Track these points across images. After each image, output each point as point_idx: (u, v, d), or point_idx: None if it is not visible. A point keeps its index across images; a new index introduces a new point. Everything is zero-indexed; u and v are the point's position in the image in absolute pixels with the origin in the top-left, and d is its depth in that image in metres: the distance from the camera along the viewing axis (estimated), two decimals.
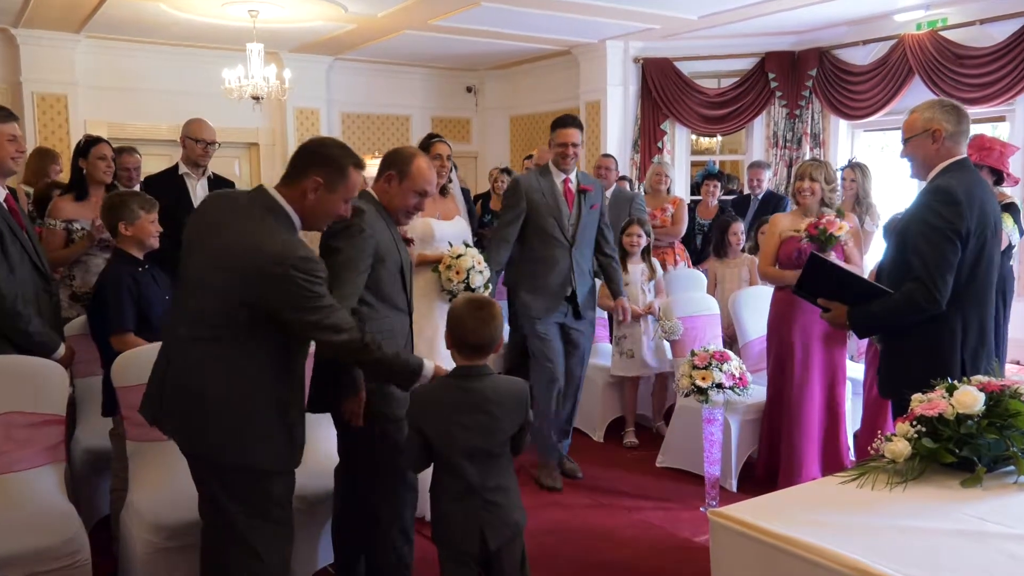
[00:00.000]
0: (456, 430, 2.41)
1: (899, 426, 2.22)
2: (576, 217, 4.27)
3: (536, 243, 4.25)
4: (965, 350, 2.80)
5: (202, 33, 8.27)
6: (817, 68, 8.26)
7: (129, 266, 3.34)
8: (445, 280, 3.80)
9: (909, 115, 2.93)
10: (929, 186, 2.84)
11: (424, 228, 3.87)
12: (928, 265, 2.74)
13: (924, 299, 2.75)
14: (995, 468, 2.14)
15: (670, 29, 8.23)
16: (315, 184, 2.33)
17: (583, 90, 9.37)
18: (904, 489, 2.07)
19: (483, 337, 2.44)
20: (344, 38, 8.63)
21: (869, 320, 2.96)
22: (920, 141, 2.87)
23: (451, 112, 11.00)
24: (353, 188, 2.42)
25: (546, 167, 4.32)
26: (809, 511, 2.01)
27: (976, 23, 7.00)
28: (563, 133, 4.22)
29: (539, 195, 4.23)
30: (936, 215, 2.74)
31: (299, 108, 9.58)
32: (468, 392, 2.44)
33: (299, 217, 2.36)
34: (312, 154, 2.39)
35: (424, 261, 3.84)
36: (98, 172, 4.34)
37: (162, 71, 8.77)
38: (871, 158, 8.30)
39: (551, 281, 4.26)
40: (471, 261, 3.79)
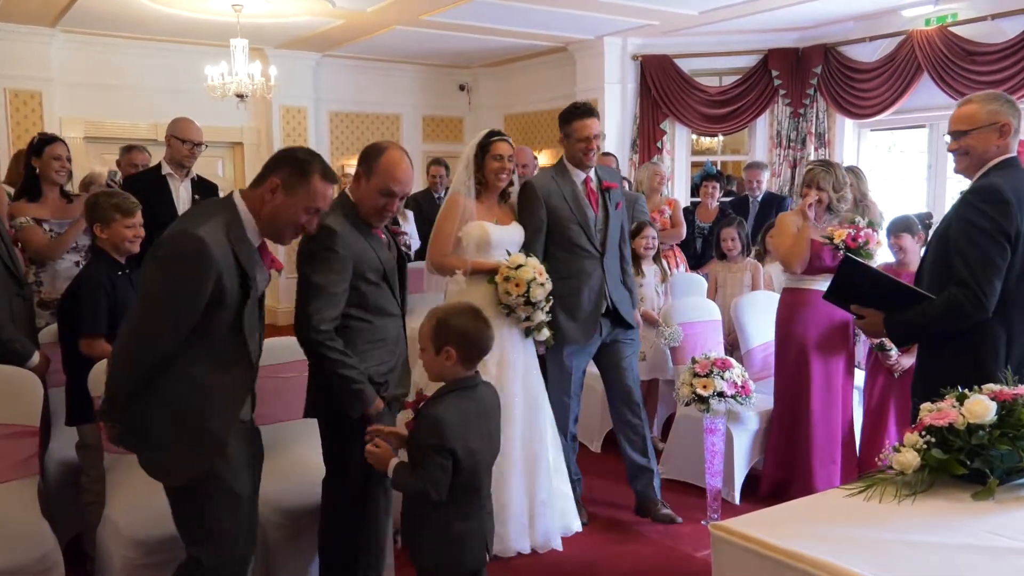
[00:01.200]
0: (479, 443, 2.43)
1: (908, 436, 2.21)
2: (603, 220, 3.88)
3: (560, 256, 3.83)
4: (1010, 361, 2.69)
5: (184, 28, 8.26)
6: (822, 65, 8.29)
7: (107, 268, 3.33)
8: (503, 293, 3.55)
9: (963, 106, 2.84)
10: (973, 185, 2.79)
11: (480, 233, 3.64)
12: (973, 268, 2.66)
13: (969, 304, 2.67)
14: (1008, 480, 2.13)
15: (670, 25, 8.25)
16: (273, 185, 2.30)
17: (580, 88, 9.37)
18: (913, 502, 2.07)
19: (488, 345, 2.51)
20: (332, 34, 8.63)
21: (908, 327, 2.87)
22: (984, 135, 2.77)
23: (443, 111, 11.01)
24: (315, 197, 2.34)
25: (560, 165, 3.92)
26: (815, 524, 2.01)
27: (987, 18, 7.03)
28: (584, 125, 3.78)
29: (559, 199, 3.82)
30: (981, 215, 2.68)
31: (285, 106, 9.58)
32: (478, 402, 2.48)
33: (258, 224, 2.33)
34: (280, 156, 2.38)
35: (479, 270, 3.62)
36: (51, 172, 4.32)
37: (142, 67, 8.76)
38: (878, 158, 8.34)
39: (583, 300, 3.83)
40: (532, 272, 3.54)
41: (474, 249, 3.64)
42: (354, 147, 10.26)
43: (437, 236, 3.69)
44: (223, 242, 2.23)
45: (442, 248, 3.67)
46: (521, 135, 10.76)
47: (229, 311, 2.28)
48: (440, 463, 2.35)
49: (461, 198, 3.67)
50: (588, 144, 3.79)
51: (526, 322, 3.64)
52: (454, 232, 3.65)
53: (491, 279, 3.60)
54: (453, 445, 2.35)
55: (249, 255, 2.31)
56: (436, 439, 2.35)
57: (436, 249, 3.68)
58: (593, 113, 3.82)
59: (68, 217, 4.28)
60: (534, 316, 3.61)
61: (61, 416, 3.68)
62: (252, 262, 2.32)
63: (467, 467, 2.38)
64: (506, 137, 3.72)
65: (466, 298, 3.37)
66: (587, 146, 3.79)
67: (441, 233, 3.68)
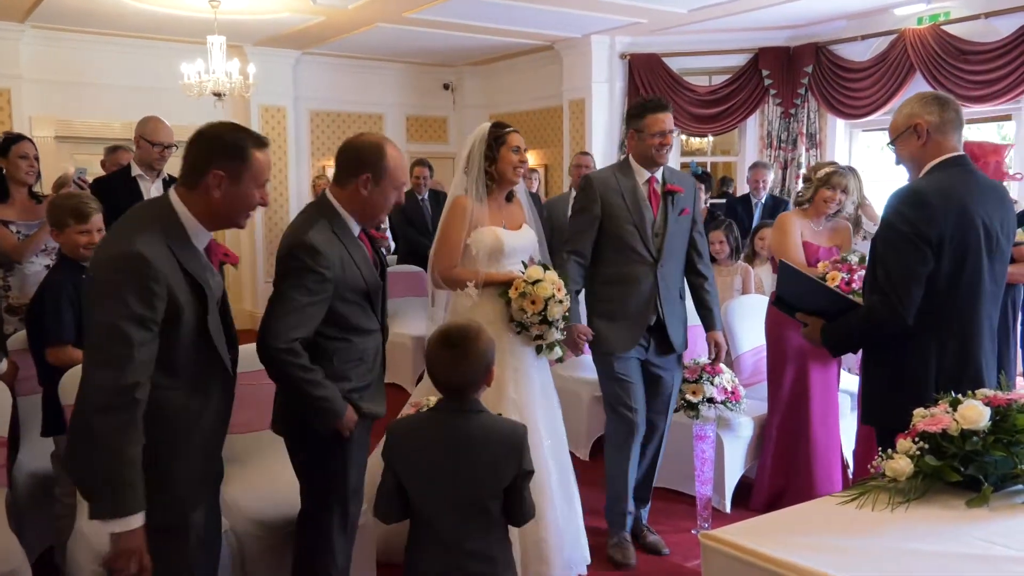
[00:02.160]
0: (434, 473, 2.23)
1: (900, 443, 2.22)
2: (662, 225, 3.67)
3: (612, 258, 3.65)
4: (941, 374, 2.62)
5: (159, 24, 8.21)
6: (813, 64, 8.34)
7: (71, 273, 3.27)
8: (516, 310, 3.28)
9: (892, 119, 2.86)
10: (901, 188, 2.75)
11: (493, 241, 3.36)
12: (891, 276, 2.61)
13: (886, 313, 2.62)
14: (1002, 487, 2.14)
15: (658, 23, 8.28)
16: (217, 179, 2.21)
17: (567, 88, 9.40)
18: (906, 509, 2.08)
19: (454, 379, 2.29)
20: (312, 31, 8.61)
21: (839, 336, 2.84)
22: (905, 140, 2.77)
23: (427, 110, 11.01)
24: (261, 172, 2.26)
25: (625, 163, 3.75)
26: (807, 533, 2.01)
27: (981, 17, 7.10)
28: (658, 119, 3.59)
29: (617, 197, 3.63)
30: (902, 219, 2.62)
31: (264, 105, 9.56)
32: (452, 429, 2.27)
33: (208, 217, 2.24)
34: (208, 145, 2.26)
35: (491, 282, 3.35)
36: (19, 172, 4.28)
37: (115, 65, 8.70)
38: (870, 159, 8.40)
39: (631, 306, 3.64)
40: (551, 288, 3.25)
41: (485, 258, 3.37)
42: (335, 147, 10.17)
43: (443, 245, 3.40)
44: (166, 253, 2.13)
45: (450, 259, 3.39)
46: None
47: (189, 327, 2.18)
48: (385, 477, 2.28)
49: (468, 201, 3.38)
50: (663, 140, 3.60)
51: (537, 340, 3.37)
52: (463, 240, 3.37)
53: (503, 292, 3.32)
54: (393, 464, 2.26)
55: (197, 262, 2.23)
56: (384, 452, 2.29)
57: (444, 260, 3.40)
58: (667, 107, 3.67)
59: (37, 218, 4.23)
60: (548, 335, 3.35)
61: (31, 426, 3.64)
62: (202, 268, 2.24)
63: (411, 490, 2.26)
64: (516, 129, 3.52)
65: (477, 314, 3.25)
66: (661, 142, 3.60)
67: (448, 242, 3.39)
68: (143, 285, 2.05)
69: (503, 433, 2.30)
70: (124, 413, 2.02)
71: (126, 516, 2.02)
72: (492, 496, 2.25)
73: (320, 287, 2.52)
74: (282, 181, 9.88)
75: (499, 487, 2.25)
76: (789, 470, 4.24)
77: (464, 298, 3.33)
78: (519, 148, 3.43)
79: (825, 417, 4.19)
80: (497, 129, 3.46)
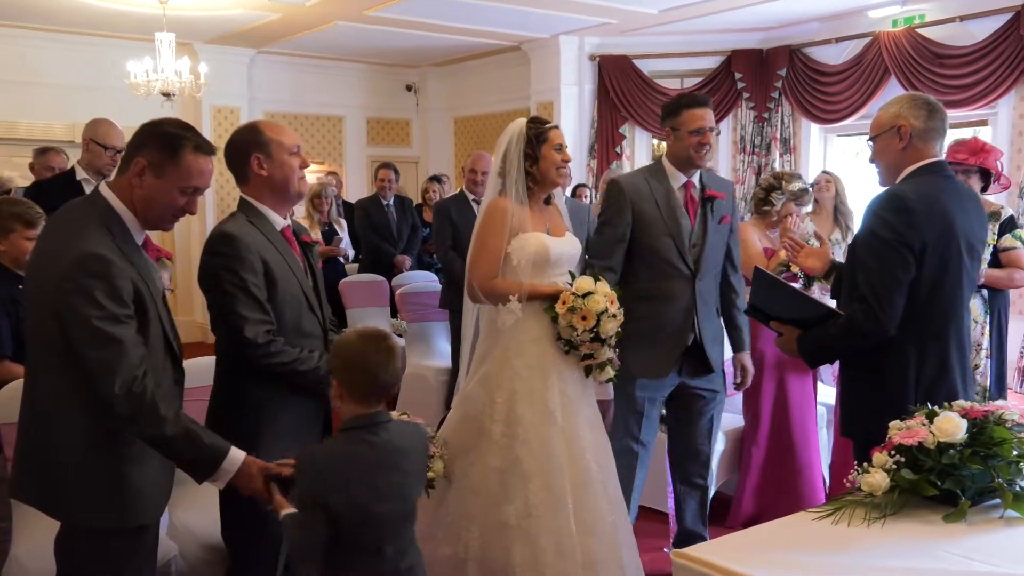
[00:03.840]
0: (370, 497, 2.14)
1: (876, 456, 2.24)
2: (700, 234, 3.47)
3: (644, 272, 3.43)
4: (920, 384, 2.66)
5: (104, 20, 8.12)
6: (787, 68, 8.46)
7: (7, 284, 3.21)
8: (565, 327, 2.98)
9: (876, 113, 2.86)
10: (879, 194, 2.76)
11: (537, 248, 3.08)
12: (873, 284, 2.62)
13: (868, 322, 2.63)
14: (980, 501, 2.17)
15: (628, 24, 8.35)
16: (139, 167, 2.19)
17: (535, 90, 9.44)
18: (883, 525, 2.10)
19: (393, 374, 2.23)
20: (268, 29, 8.55)
21: (816, 347, 2.84)
22: (886, 140, 2.76)
23: (389, 113, 10.99)
24: (189, 175, 2.23)
25: (657, 165, 3.55)
26: (781, 551, 2.02)
27: (956, 20, 7.25)
28: (695, 115, 3.38)
29: (650, 205, 3.41)
30: (884, 225, 2.63)
31: (217, 106, 9.48)
32: (375, 446, 2.18)
33: (132, 212, 2.22)
34: (144, 133, 2.24)
35: (535, 296, 3.06)
36: None
37: (57, 63, 8.58)
38: (845, 165, 8.52)
39: (665, 326, 3.41)
40: (603, 302, 2.95)
41: (528, 268, 3.08)
42: None
43: (482, 255, 3.11)
44: (117, 250, 2.14)
45: (490, 269, 3.09)
46: (472, 140, 10.77)
47: (154, 323, 2.22)
48: (311, 516, 2.11)
49: (508, 204, 3.10)
50: (702, 138, 3.38)
51: (587, 360, 3.07)
52: (504, 247, 3.08)
53: (549, 307, 3.03)
54: (326, 498, 2.11)
55: (140, 255, 2.24)
56: (306, 487, 2.14)
57: (483, 271, 3.09)
58: (706, 102, 3.45)
59: None
60: (599, 354, 3.05)
61: None
62: (145, 263, 2.25)
63: (351, 521, 2.13)
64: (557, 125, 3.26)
65: (520, 332, 3.04)
66: (700, 140, 3.38)
67: (487, 251, 3.10)
68: (112, 284, 2.08)
69: (415, 436, 2.34)
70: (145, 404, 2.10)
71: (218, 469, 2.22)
72: (415, 506, 2.30)
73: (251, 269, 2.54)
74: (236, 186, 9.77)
75: (421, 490, 2.33)
76: (775, 487, 4.27)
77: (506, 314, 3.04)
78: (562, 146, 3.17)
79: (804, 430, 4.23)
80: (536, 125, 3.17)
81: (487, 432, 3.02)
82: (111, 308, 2.07)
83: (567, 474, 2.96)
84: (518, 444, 2.97)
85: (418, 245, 7.48)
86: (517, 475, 2.94)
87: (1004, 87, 6.92)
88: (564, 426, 3.01)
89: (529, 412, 2.98)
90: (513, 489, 2.94)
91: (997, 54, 6.92)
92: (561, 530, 2.91)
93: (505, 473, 2.96)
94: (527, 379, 3.00)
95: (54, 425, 2.17)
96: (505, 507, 2.93)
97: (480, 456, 3.02)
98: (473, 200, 5.68)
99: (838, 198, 5.77)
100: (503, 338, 3.07)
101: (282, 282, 2.60)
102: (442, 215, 5.70)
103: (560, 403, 3.03)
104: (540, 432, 2.97)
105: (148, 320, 2.20)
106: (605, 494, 3.07)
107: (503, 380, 3.03)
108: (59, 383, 2.15)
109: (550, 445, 2.96)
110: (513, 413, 2.99)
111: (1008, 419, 2.23)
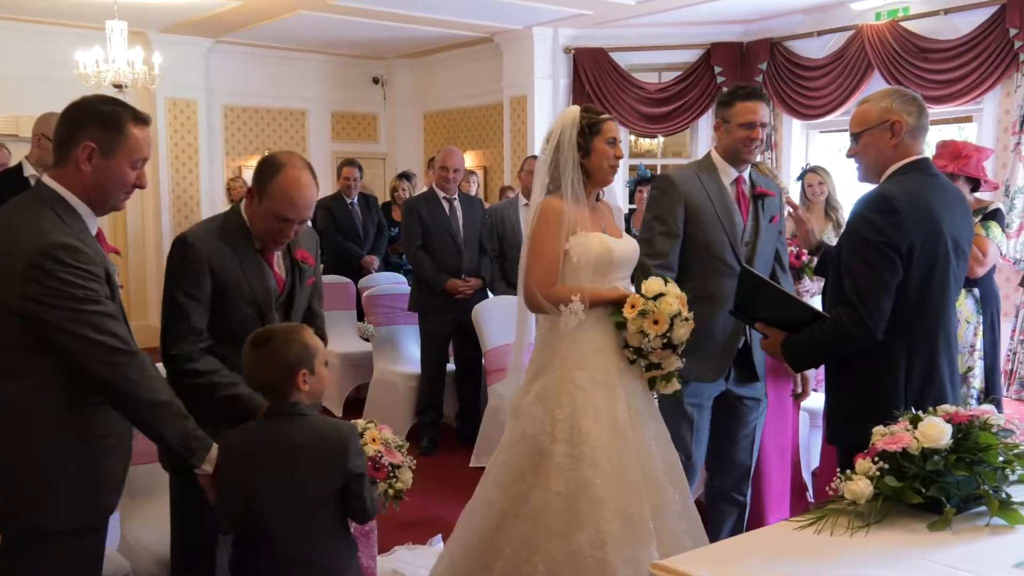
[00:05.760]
0: (262, 483, 2.31)
1: (860, 463, 2.26)
2: (752, 232, 3.44)
3: (695, 270, 3.34)
4: (911, 387, 2.69)
5: (51, 7, 8.03)
6: (768, 61, 8.52)
7: None
8: (634, 333, 2.85)
9: (859, 106, 2.87)
10: (864, 194, 2.78)
11: (599, 248, 2.96)
12: (860, 287, 2.65)
13: (854, 327, 2.65)
14: (965, 509, 2.20)
15: (605, 15, 8.38)
16: (87, 151, 2.22)
17: (507, 83, 9.44)
18: (867, 534, 2.11)
19: (253, 379, 2.41)
20: (226, 17, 8.49)
21: (802, 351, 2.85)
22: (876, 135, 2.78)
23: (355, 106, 10.94)
24: (138, 148, 2.28)
25: (707, 160, 3.51)
26: (762, 561, 2.03)
27: (940, 13, 7.33)
28: (748, 108, 3.35)
29: (704, 200, 3.36)
30: (870, 227, 2.66)
31: (172, 99, 9.39)
32: (277, 436, 2.36)
33: (84, 200, 2.25)
34: (77, 116, 2.26)
35: (598, 301, 2.94)
36: None
37: (1, 52, 8.44)
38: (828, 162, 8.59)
39: (716, 328, 3.30)
40: (676, 304, 2.84)
41: (590, 270, 2.95)
42: (252, 145, 10.10)
43: (539, 259, 2.97)
44: (77, 238, 2.18)
45: (549, 274, 2.96)
46: (442, 135, 10.75)
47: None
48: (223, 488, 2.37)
49: (562, 203, 2.97)
50: (752, 133, 3.35)
51: (653, 370, 2.95)
52: (560, 253, 2.96)
53: (615, 313, 2.91)
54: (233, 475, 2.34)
55: (98, 246, 2.27)
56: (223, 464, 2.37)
57: (541, 276, 2.96)
58: (761, 95, 3.43)
59: None
60: (668, 363, 2.93)
61: None
62: (102, 254, 2.27)
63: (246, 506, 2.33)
64: (613, 117, 3.14)
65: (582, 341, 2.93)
66: (750, 135, 3.35)
67: (544, 257, 2.96)
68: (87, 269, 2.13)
69: (324, 437, 2.38)
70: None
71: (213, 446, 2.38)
72: (323, 502, 2.34)
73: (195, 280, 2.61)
74: (192, 183, 9.71)
75: (328, 492, 2.34)
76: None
77: (569, 316, 2.90)
78: (615, 140, 3.03)
79: (778, 437, 4.25)
80: (590, 114, 3.03)
81: (547, 453, 2.88)
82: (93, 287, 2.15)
83: (644, 497, 2.84)
84: (585, 465, 2.82)
85: (384, 245, 7.46)
86: (586, 500, 2.80)
87: (990, 82, 7.02)
88: (634, 443, 2.90)
89: (595, 429, 2.85)
90: (583, 515, 2.79)
91: (982, 48, 7.02)
92: (641, 559, 2.73)
93: (571, 498, 2.81)
94: (590, 392, 2.87)
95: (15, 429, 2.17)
96: (575, 535, 2.78)
97: (541, 479, 2.88)
98: (444, 198, 5.68)
99: (828, 193, 5.87)
100: (561, 348, 2.95)
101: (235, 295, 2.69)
102: (411, 214, 5.69)
103: (629, 418, 2.91)
104: (610, 451, 2.84)
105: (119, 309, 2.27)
106: (683, 518, 2.96)
107: (563, 395, 2.90)
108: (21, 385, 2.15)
109: (622, 464, 2.84)
110: (577, 431, 2.85)
111: (994, 424, 2.26)
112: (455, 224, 5.69)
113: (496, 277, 5.73)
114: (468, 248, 5.70)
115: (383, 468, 2.89)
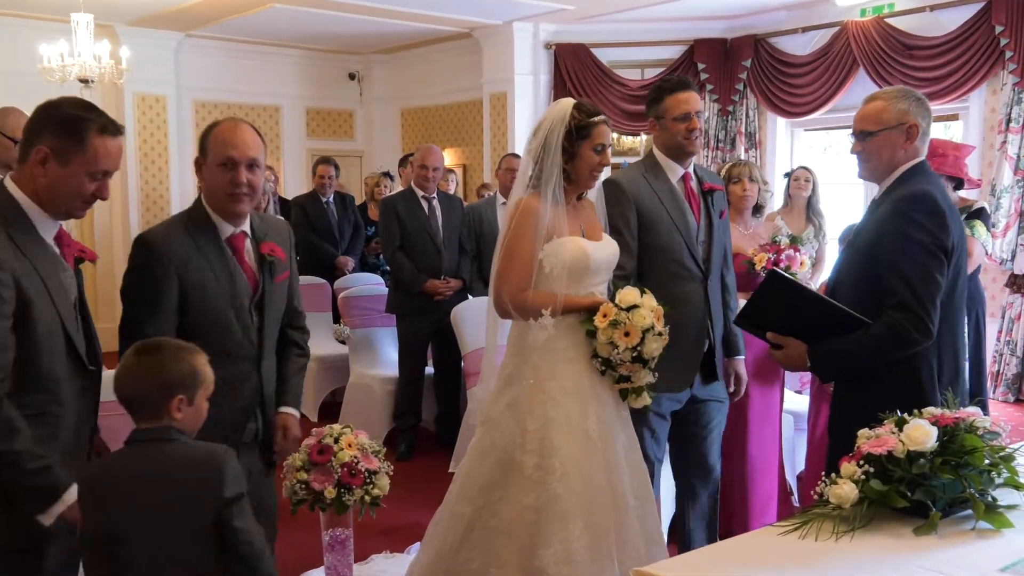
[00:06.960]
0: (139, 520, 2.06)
1: (845, 467, 2.27)
2: (706, 231, 3.40)
3: (653, 277, 3.23)
4: (941, 386, 2.74)
5: None
6: (752, 58, 8.57)
7: None
8: (603, 344, 2.81)
9: (869, 103, 2.86)
10: (903, 193, 2.76)
11: (575, 254, 2.90)
12: (915, 289, 2.65)
13: (915, 330, 2.65)
14: (951, 512, 2.21)
15: (586, 10, 8.39)
16: (40, 154, 2.18)
17: (487, 79, 9.44)
18: (852, 539, 2.12)
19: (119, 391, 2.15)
20: (197, 10, 8.44)
21: (839, 359, 2.81)
22: (892, 137, 2.78)
23: (331, 103, 10.91)
24: (98, 160, 2.22)
25: (650, 159, 3.45)
26: (746, 567, 2.04)
27: (925, 9, 7.41)
28: (679, 99, 3.30)
29: (654, 202, 3.30)
30: (919, 228, 2.67)
31: (140, 94, 9.32)
32: (148, 462, 2.11)
33: (36, 203, 2.21)
34: (41, 117, 2.23)
35: (571, 309, 2.89)
36: None
37: None
38: (813, 161, 8.65)
39: (682, 334, 3.15)
40: (649, 317, 2.79)
41: (564, 277, 2.88)
42: None
43: (512, 262, 2.91)
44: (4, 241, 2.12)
45: (522, 281, 2.89)
46: (420, 132, 10.74)
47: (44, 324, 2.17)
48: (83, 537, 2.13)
49: (540, 204, 2.90)
50: (690, 124, 3.28)
51: (624, 383, 2.92)
52: (536, 256, 2.89)
53: (587, 320, 2.86)
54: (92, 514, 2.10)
55: (42, 249, 2.22)
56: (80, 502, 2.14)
57: (514, 282, 2.89)
58: (690, 85, 3.37)
59: None
60: (638, 376, 2.90)
61: None
62: (48, 258, 2.23)
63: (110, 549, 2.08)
64: (608, 119, 3.06)
65: (553, 351, 2.88)
66: (688, 126, 3.28)
67: (518, 260, 2.89)
68: None
69: (191, 461, 2.13)
70: None
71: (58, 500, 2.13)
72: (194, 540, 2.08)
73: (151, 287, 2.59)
74: (163, 181, 9.64)
75: (198, 526, 2.08)
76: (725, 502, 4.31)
77: (538, 330, 2.86)
78: (604, 147, 2.98)
79: (763, 442, 4.28)
80: (581, 115, 2.95)
81: (518, 465, 2.84)
82: None
83: (610, 512, 2.83)
84: (555, 479, 2.79)
85: (361, 245, 7.44)
86: (554, 515, 2.77)
87: (975, 80, 7.09)
88: (603, 455, 2.87)
89: (567, 442, 2.82)
90: (550, 531, 2.76)
91: (968, 46, 7.09)
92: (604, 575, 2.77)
93: (540, 512, 2.79)
94: (562, 403, 2.84)
95: None
96: (541, 551, 2.75)
97: (510, 492, 2.84)
98: (423, 197, 5.67)
99: (813, 195, 5.90)
100: (533, 357, 2.90)
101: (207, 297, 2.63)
102: (389, 213, 5.67)
103: (599, 429, 2.88)
104: (580, 465, 2.82)
105: (32, 320, 2.15)
106: (643, 532, 2.95)
107: (535, 406, 2.86)
108: None
109: (592, 480, 2.83)
110: (548, 443, 2.82)
111: (980, 426, 2.28)
112: (434, 224, 5.67)
113: (474, 277, 5.72)
114: (448, 248, 5.68)
115: (359, 474, 2.88)
